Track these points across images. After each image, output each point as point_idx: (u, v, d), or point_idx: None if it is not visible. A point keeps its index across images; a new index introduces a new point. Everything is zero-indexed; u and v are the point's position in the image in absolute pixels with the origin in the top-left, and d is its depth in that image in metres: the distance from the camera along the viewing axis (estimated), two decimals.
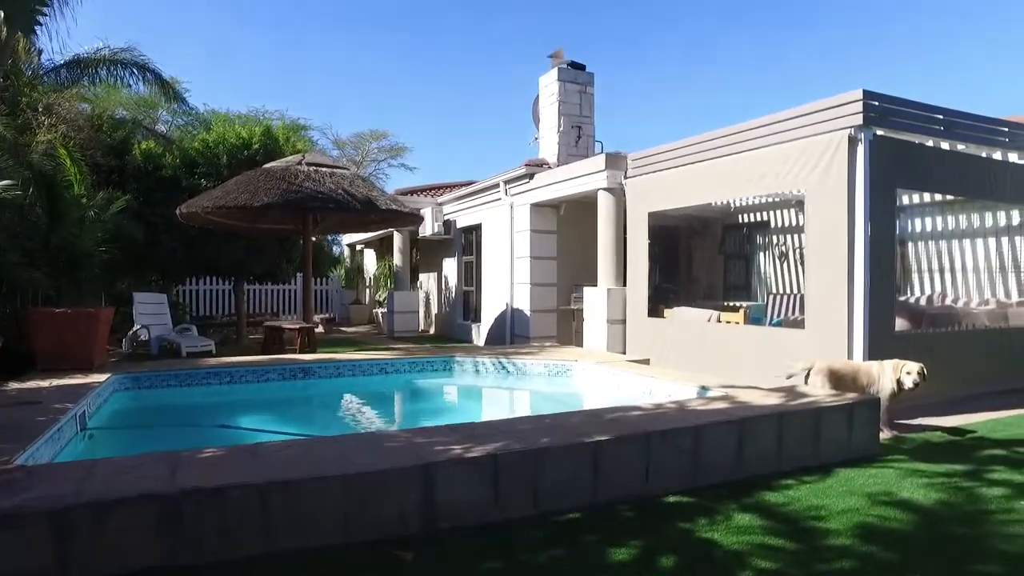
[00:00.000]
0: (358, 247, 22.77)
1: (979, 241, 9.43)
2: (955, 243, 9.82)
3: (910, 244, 10.53)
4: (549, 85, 12.85)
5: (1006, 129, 7.46)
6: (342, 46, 50.90)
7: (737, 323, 7.79)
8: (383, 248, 19.18)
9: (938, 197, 9.07)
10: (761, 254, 13.12)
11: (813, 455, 4.50)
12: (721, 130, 7.86)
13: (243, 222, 11.12)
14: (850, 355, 6.21)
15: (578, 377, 7.36)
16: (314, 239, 12.50)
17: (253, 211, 9.85)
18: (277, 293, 20.68)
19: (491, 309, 13.36)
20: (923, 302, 9.31)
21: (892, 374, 5.46)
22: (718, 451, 4.12)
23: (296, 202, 9.44)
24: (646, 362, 7.65)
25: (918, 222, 10.27)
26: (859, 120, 6.10)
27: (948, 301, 9.06)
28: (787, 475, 4.30)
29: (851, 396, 4.94)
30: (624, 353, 9.25)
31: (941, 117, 6.85)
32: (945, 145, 7.18)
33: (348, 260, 22.50)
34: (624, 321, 9.35)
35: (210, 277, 18.29)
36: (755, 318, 10.91)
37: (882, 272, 6.35)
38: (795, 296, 10.58)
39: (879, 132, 6.35)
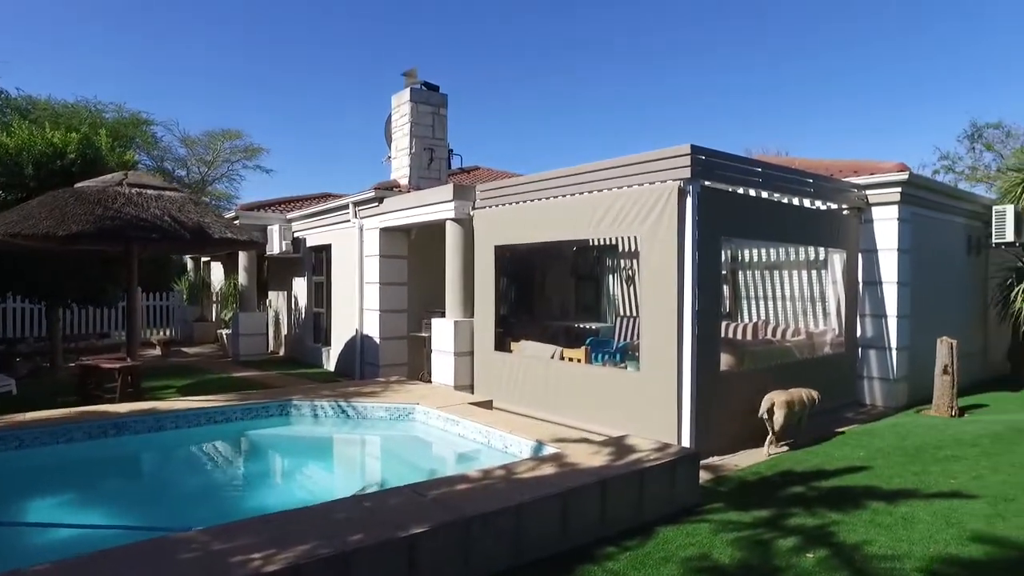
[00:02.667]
0: (203, 259, 21.15)
1: (794, 273, 10.34)
2: (776, 274, 10.71)
3: (740, 273, 11.37)
4: (401, 105, 12.55)
5: (811, 180, 8.20)
6: (201, 41, 47.19)
7: (579, 360, 7.95)
8: (231, 262, 17.92)
9: None
10: (610, 276, 13.62)
11: (636, 516, 4.60)
12: (565, 170, 8.00)
13: (51, 244, 9.85)
14: (679, 396, 6.50)
15: (419, 424, 7.16)
16: None
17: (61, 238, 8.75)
18: (106, 310, 18.66)
19: (342, 333, 12.83)
20: (749, 331, 10.03)
21: (806, 396, 7.11)
22: (542, 526, 4.09)
23: (113, 230, 8.49)
24: (489, 404, 7.59)
25: (747, 253, 11.10)
26: (687, 173, 6.40)
27: (769, 331, 9.82)
28: (610, 540, 4.35)
29: (673, 451, 5.13)
30: (472, 388, 9.18)
31: (760, 170, 7.39)
32: (764, 194, 7.77)
33: (192, 274, 20.81)
34: (472, 353, 9.28)
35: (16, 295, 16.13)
36: (604, 340, 11.28)
37: (709, 316, 6.71)
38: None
39: (706, 183, 6.71)
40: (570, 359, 8.05)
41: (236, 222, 14.54)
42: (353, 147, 63.06)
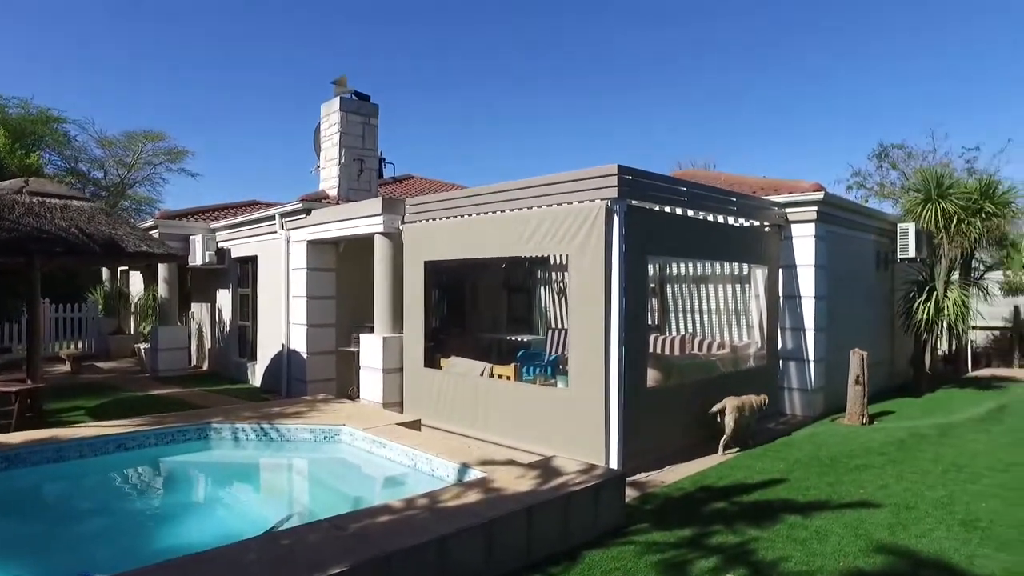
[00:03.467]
0: (120, 268, 20.06)
1: (720, 287, 10.65)
2: (703, 287, 11.00)
3: (668, 286, 11.62)
4: (331, 115, 12.27)
5: (734, 199, 8.47)
6: (118, 38, 44.87)
7: (508, 377, 7.92)
8: (151, 272, 17.05)
9: None
10: (542, 288, 13.68)
11: (562, 540, 4.59)
12: (495, 186, 7.98)
13: None
14: (607, 414, 6.55)
15: (345, 446, 6.96)
16: None
17: None
18: (6, 324, 17.39)
19: (268, 348, 12.41)
20: (677, 344, 10.26)
21: (756, 401, 7.80)
22: (466, 557, 4.02)
23: (10, 243, 7.93)
24: (418, 424, 7.47)
25: (675, 266, 11.35)
26: (614, 193, 6.48)
27: (696, 344, 10.07)
28: (536, 567, 4.32)
29: (599, 473, 5.15)
30: (401, 406, 9.03)
31: (685, 189, 7.57)
32: (690, 212, 7.97)
33: (108, 283, 19.69)
34: (401, 370, 9.13)
35: None
36: (535, 353, 11.31)
37: (637, 334, 6.81)
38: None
39: (633, 203, 6.82)
40: (499, 376, 8.01)
41: (155, 232, 13.90)
42: (285, 151, 61.44)
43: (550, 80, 60.29)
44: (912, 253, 11.55)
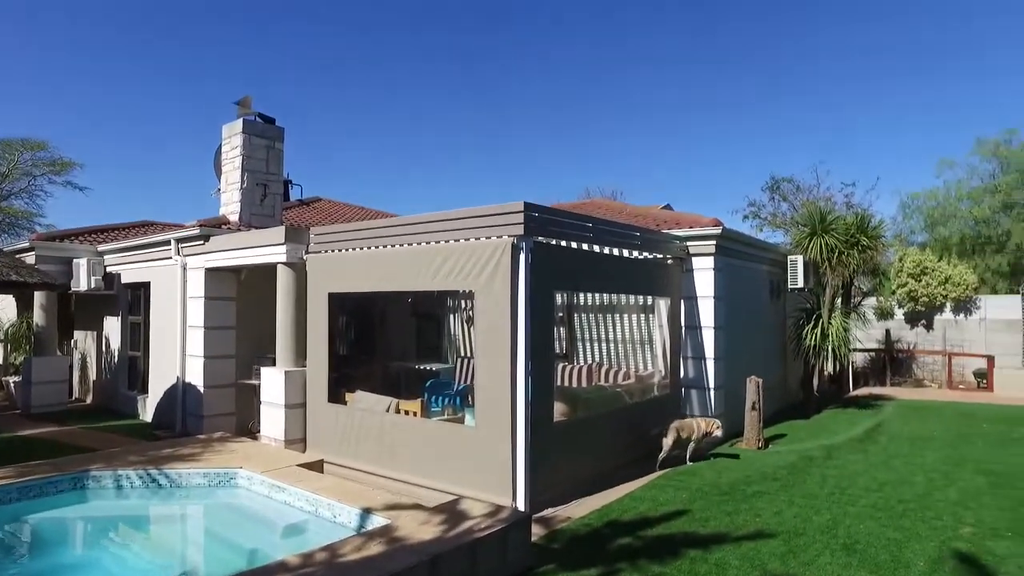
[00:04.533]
0: None
1: (626, 317, 10.94)
2: (610, 317, 11.26)
3: (576, 315, 11.82)
4: (233, 137, 11.80)
5: (638, 234, 8.76)
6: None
7: (414, 413, 7.78)
8: (24, 298, 15.65)
9: None
10: (452, 316, 13.60)
11: None
12: (403, 218, 7.89)
13: None
14: (513, 451, 6.54)
15: (242, 491, 6.60)
16: None
17: None
18: None
19: (161, 380, 11.64)
20: (584, 374, 10.43)
21: (703, 426, 8.62)
22: None
23: None
24: (320, 465, 7.19)
25: (583, 295, 11.57)
26: (521, 230, 6.53)
27: (603, 374, 10.27)
28: None
29: (506, 515, 5.12)
30: (304, 443, 8.68)
31: (591, 225, 7.74)
32: (596, 248, 8.16)
33: None
34: (304, 406, 8.79)
35: None
36: (444, 382, 11.19)
37: (543, 370, 6.85)
38: None
39: (539, 239, 6.91)
40: (405, 412, 7.85)
41: (31, 254, 12.83)
42: (183, 168, 58.55)
43: (467, 109, 60.79)
44: (801, 283, 12.34)
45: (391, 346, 13.33)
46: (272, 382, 8.94)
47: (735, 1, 49.12)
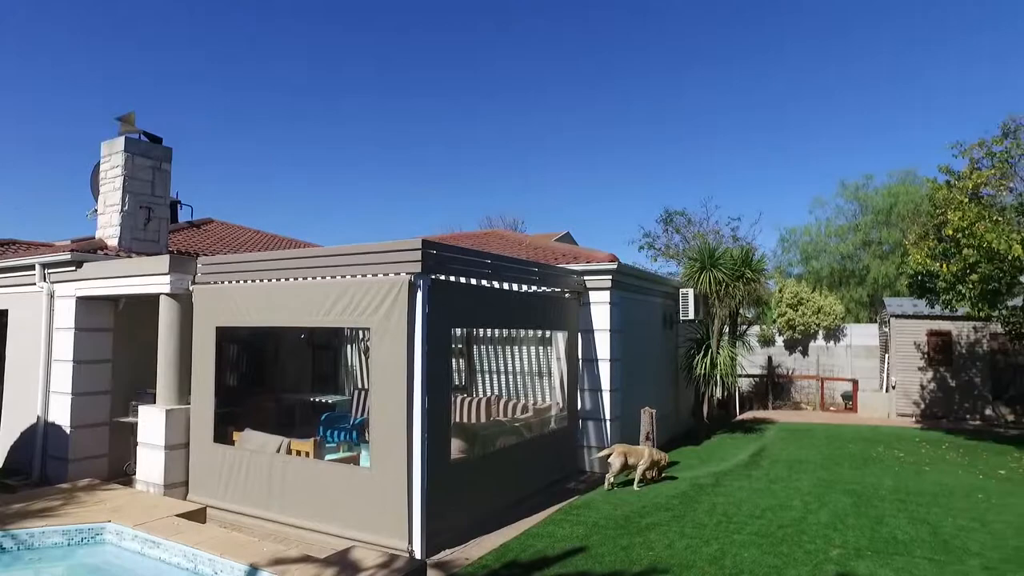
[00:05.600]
0: None
1: (525, 349, 11.05)
2: (509, 349, 11.33)
3: (475, 346, 11.81)
4: (113, 155, 11.00)
5: (536, 269, 8.91)
6: None
7: (307, 453, 7.46)
8: None
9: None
10: (349, 346, 13.24)
11: None
12: (298, 251, 7.72)
13: None
14: (409, 493, 6.39)
15: (110, 549, 6.01)
16: None
17: None
18: None
19: (16, 419, 10.51)
20: (483, 406, 10.40)
21: (649, 455, 9.23)
22: None
23: None
24: (203, 513, 6.72)
25: (482, 329, 11.59)
26: (418, 268, 6.46)
27: (502, 406, 10.28)
28: None
29: (401, 565, 4.96)
30: (187, 487, 8.12)
31: (489, 262, 7.79)
32: (495, 284, 8.21)
33: None
34: (187, 446, 8.23)
35: None
36: (341, 415, 10.84)
37: (440, 408, 6.78)
38: None
39: (439, 277, 6.86)
40: (297, 452, 7.51)
41: None
42: (65, 182, 54.10)
43: (368, 137, 60.06)
44: (692, 315, 12.95)
45: (285, 377, 12.80)
46: (151, 421, 8.31)
47: (632, 30, 51.62)
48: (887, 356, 18.46)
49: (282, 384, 12.55)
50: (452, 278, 7.30)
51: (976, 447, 12.96)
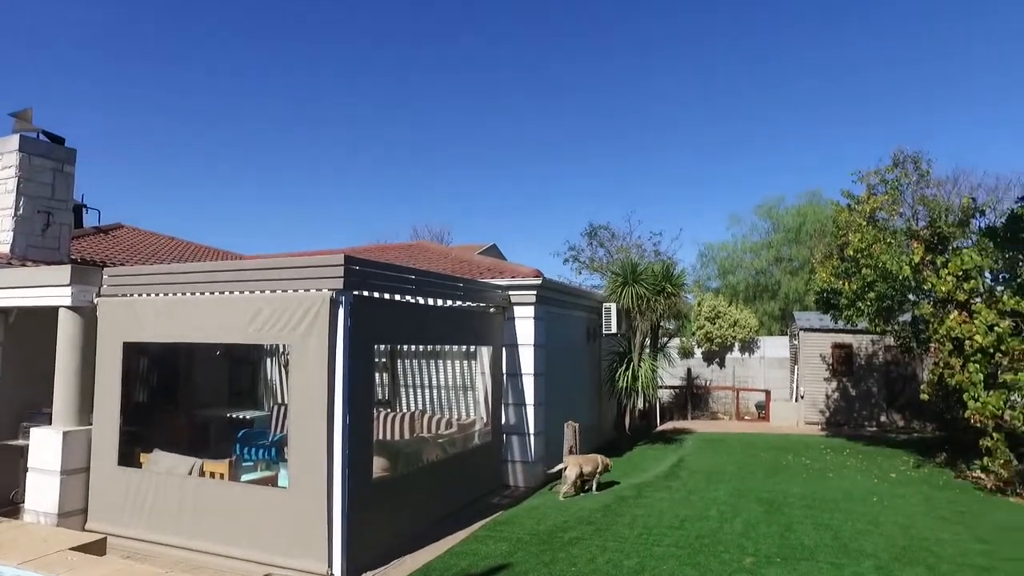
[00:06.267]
0: None
1: (449, 364, 10.99)
2: (434, 363, 11.24)
3: (399, 360, 11.66)
4: (6, 155, 10.21)
5: (461, 285, 8.90)
6: None
7: (222, 475, 7.13)
8: None
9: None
10: (268, 359, 12.80)
11: None
12: (215, 264, 7.44)
13: None
14: (329, 514, 6.21)
15: None
16: None
17: None
18: None
19: None
20: (407, 422, 10.25)
21: (601, 461, 9.85)
22: None
23: None
24: (102, 544, 6.29)
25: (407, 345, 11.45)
26: (340, 284, 6.33)
27: (426, 422, 10.16)
28: None
29: None
30: (86, 515, 7.60)
31: (413, 277, 7.71)
32: (420, 300, 8.14)
33: None
34: (87, 470, 7.71)
35: None
36: (259, 432, 10.43)
37: (362, 426, 6.63)
38: None
39: (362, 293, 6.74)
40: (211, 474, 7.18)
41: None
42: None
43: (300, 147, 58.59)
44: (614, 329, 13.24)
45: (200, 393, 12.20)
46: (45, 445, 7.73)
47: (562, 45, 52.62)
48: (796, 367, 19.44)
49: (197, 400, 11.96)
50: (376, 294, 7.19)
51: (873, 452, 13.81)
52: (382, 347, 10.69)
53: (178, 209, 58.57)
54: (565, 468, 9.55)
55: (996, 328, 9.95)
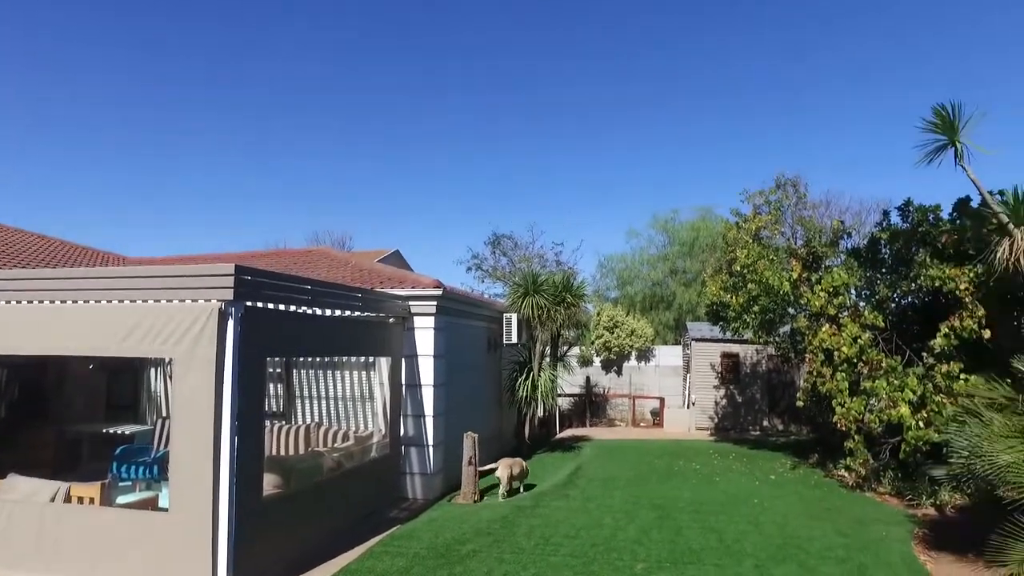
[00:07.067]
0: None
1: (347, 374, 10.73)
2: (331, 374, 10.93)
3: (295, 371, 11.25)
4: None
5: (360, 295, 8.72)
6: None
7: (92, 500, 6.59)
8: None
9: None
10: (153, 369, 12.02)
11: None
12: (85, 271, 6.96)
13: None
14: (214, 539, 5.89)
15: None
16: None
17: None
18: None
19: None
20: (302, 435, 9.90)
21: (524, 465, 10.63)
22: None
23: None
24: None
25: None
26: (230, 295, 6.04)
27: (322, 435, 9.85)
28: None
29: None
30: None
31: (310, 287, 7.47)
32: (317, 311, 7.90)
33: None
34: None
35: None
36: (140, 448, 9.75)
37: (252, 444, 6.35)
38: None
39: (256, 304, 6.46)
40: (79, 499, 6.62)
41: None
42: None
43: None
44: (515, 339, 13.38)
45: (71, 407, 11.29)
46: None
47: (458, 54, 52.83)
48: (688, 375, 20.38)
49: (68, 414, 11.04)
50: (271, 305, 6.91)
51: (755, 456, 14.68)
52: (278, 358, 10.29)
53: (53, 205, 53.92)
54: (496, 469, 10.15)
55: (859, 340, 10.86)
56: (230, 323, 6.05)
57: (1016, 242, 7.06)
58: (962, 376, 9.86)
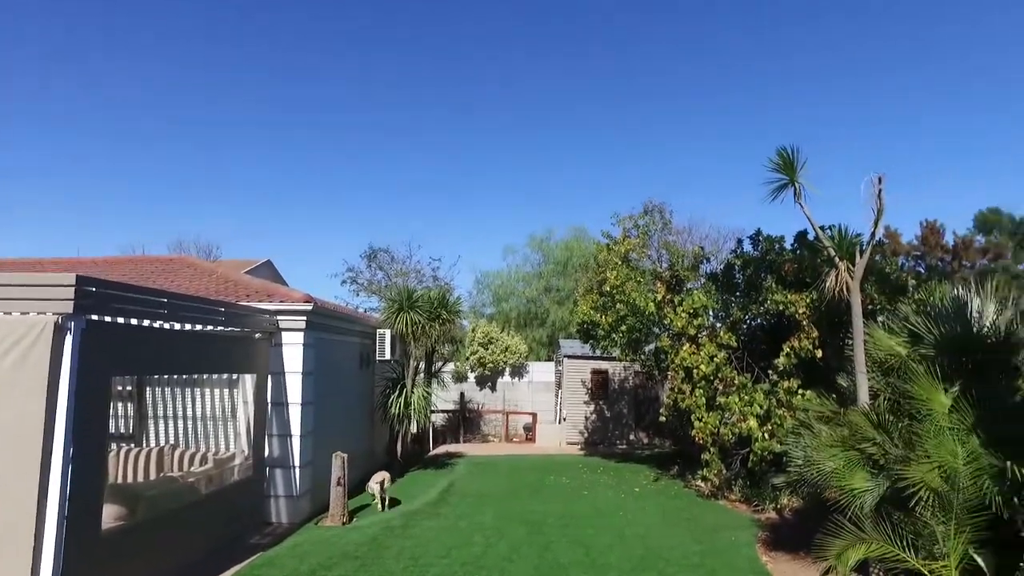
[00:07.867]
0: None
1: (207, 392, 10.01)
2: (189, 391, 10.16)
3: (148, 388, 10.36)
4: None
5: (223, 309, 8.21)
6: None
7: None
8: None
9: None
10: None
11: None
12: None
13: None
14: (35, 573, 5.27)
15: None
16: None
17: None
18: None
19: None
20: (154, 459, 9.12)
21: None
22: None
23: None
24: None
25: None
26: (69, 307, 5.48)
27: (177, 458, 9.12)
28: None
29: None
30: None
31: (166, 300, 6.94)
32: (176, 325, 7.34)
33: None
34: None
35: None
36: None
37: (90, 472, 5.76)
38: None
39: (102, 318, 5.90)
40: None
41: None
42: None
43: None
44: (388, 355, 13.14)
45: None
46: None
47: (348, 66, 51.68)
48: (560, 391, 20.94)
49: None
50: (120, 319, 6.33)
51: (622, 469, 15.32)
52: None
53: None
54: (382, 480, 10.59)
55: (715, 359, 11.70)
56: (68, 339, 5.49)
57: (840, 272, 7.91)
58: (800, 391, 10.87)
